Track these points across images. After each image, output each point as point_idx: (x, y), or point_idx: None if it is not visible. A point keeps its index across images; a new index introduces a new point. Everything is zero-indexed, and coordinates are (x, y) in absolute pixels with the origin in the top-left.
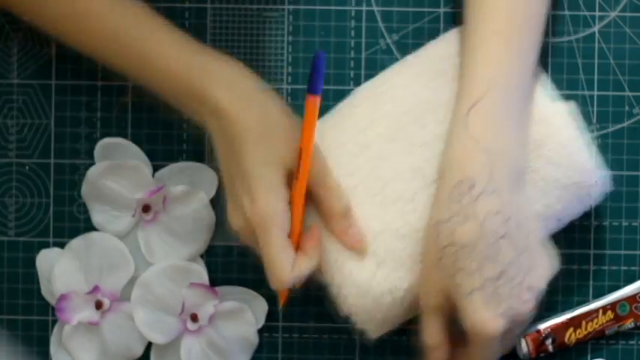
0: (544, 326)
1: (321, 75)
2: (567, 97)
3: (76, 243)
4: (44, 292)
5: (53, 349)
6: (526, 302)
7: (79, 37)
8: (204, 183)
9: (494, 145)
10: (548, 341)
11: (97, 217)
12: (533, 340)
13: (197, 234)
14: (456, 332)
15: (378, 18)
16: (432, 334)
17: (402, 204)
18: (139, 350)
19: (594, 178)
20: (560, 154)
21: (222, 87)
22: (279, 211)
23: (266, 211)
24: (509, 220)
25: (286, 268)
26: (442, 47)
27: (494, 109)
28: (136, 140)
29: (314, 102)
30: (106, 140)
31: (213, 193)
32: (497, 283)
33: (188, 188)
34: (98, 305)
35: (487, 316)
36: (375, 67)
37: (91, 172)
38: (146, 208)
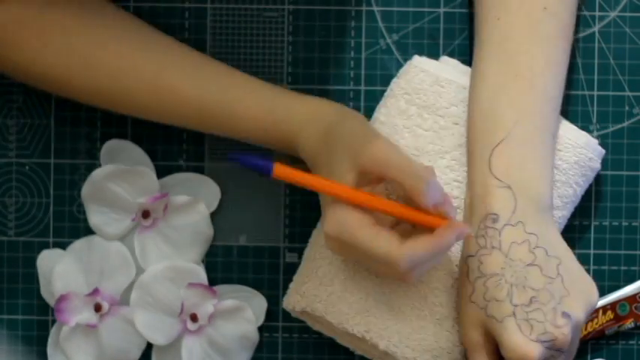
0: None
1: (255, 163)
2: (567, 97)
3: (78, 245)
4: (44, 292)
5: (50, 349)
6: (561, 327)
7: (160, 113)
8: (206, 196)
9: (516, 182)
10: None
11: (94, 219)
12: None
13: (193, 246)
14: None
15: (378, 18)
16: None
17: None
18: (136, 355)
19: (597, 149)
20: (568, 137)
21: (304, 130)
22: (350, 211)
23: (338, 222)
24: (537, 249)
25: (391, 247)
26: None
27: (517, 147)
28: (136, 140)
29: (279, 171)
30: (113, 142)
31: (214, 206)
32: (529, 309)
33: (190, 199)
34: (97, 308)
35: (522, 341)
36: (375, 67)
37: (96, 173)
38: (146, 214)
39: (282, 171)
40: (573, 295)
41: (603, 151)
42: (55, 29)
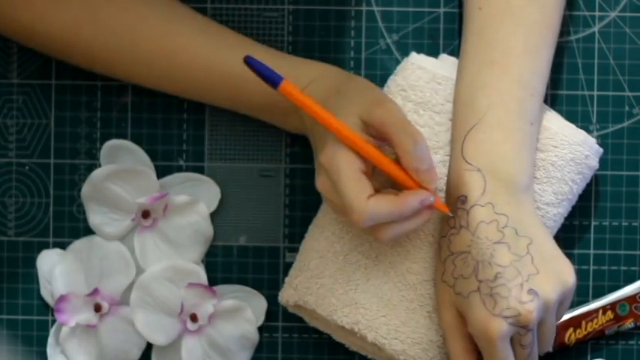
0: None
1: (266, 69)
2: (567, 97)
3: (78, 245)
4: (44, 292)
5: (50, 349)
6: (525, 303)
7: (166, 75)
8: (206, 196)
9: (486, 164)
10: None
11: (94, 219)
12: None
13: (193, 245)
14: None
15: (378, 18)
16: (457, 355)
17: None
18: (136, 355)
19: (594, 147)
20: (565, 133)
21: (310, 87)
22: (346, 150)
23: (333, 153)
24: (506, 229)
25: (360, 196)
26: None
27: (489, 131)
28: (136, 140)
29: (286, 88)
30: (113, 142)
31: (214, 206)
32: (493, 284)
33: (190, 199)
34: (97, 308)
35: (484, 315)
36: (375, 67)
37: (96, 173)
38: (146, 214)
39: (289, 87)
40: (543, 274)
41: (601, 150)
42: None
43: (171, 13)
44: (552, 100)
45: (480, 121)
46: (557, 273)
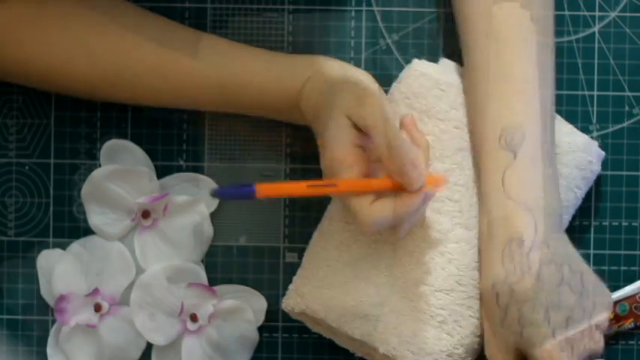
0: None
1: (236, 192)
2: (567, 97)
3: (78, 245)
4: (44, 292)
5: (50, 349)
6: (598, 341)
7: (164, 92)
8: (206, 196)
9: (533, 202)
10: None
11: (94, 219)
12: None
13: (193, 245)
14: None
15: (378, 18)
16: None
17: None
18: (136, 355)
19: (597, 152)
20: (568, 141)
21: (307, 85)
22: (346, 153)
23: (332, 157)
24: (563, 266)
25: (362, 203)
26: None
27: (526, 166)
28: (136, 140)
29: (262, 192)
30: (113, 142)
31: (214, 206)
32: (567, 330)
33: (190, 199)
34: (97, 308)
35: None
36: (375, 67)
37: (96, 173)
38: (146, 214)
39: (265, 191)
40: (598, 305)
41: (603, 154)
42: (55, 21)
43: (165, 33)
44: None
45: (517, 157)
46: (605, 298)
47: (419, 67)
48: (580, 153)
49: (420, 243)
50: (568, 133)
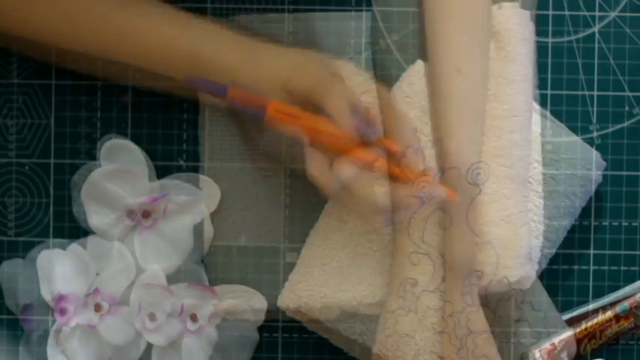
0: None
1: (211, 86)
2: (567, 97)
3: (78, 245)
4: (44, 292)
5: (50, 349)
6: None
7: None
8: (206, 196)
9: (494, 235)
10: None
11: (93, 219)
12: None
13: (194, 245)
14: None
15: (378, 18)
16: None
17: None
18: (136, 355)
19: (597, 161)
20: (566, 148)
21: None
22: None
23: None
24: (523, 304)
25: (317, 167)
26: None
27: (489, 199)
28: (136, 140)
29: (233, 93)
30: (113, 141)
31: (214, 206)
32: None
33: (190, 199)
34: (97, 308)
35: None
36: (375, 67)
37: (96, 173)
38: (146, 214)
39: (236, 92)
40: None
41: (604, 164)
42: None
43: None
44: (552, 100)
45: (481, 191)
46: None
47: (421, 67)
48: (579, 160)
49: (412, 245)
50: (568, 141)
